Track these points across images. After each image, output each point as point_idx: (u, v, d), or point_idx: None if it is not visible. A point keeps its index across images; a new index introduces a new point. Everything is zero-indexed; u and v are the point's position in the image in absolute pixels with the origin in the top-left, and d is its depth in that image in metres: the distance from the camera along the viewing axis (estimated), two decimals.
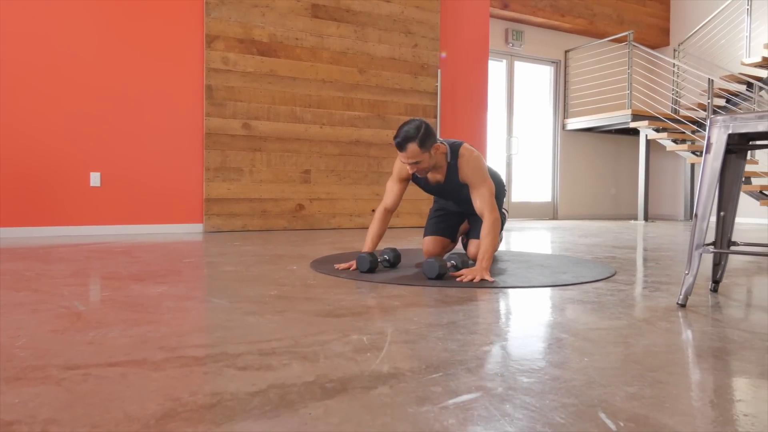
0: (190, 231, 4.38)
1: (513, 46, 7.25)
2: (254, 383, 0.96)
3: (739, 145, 1.76)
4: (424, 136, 2.15)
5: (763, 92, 6.68)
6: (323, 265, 2.45)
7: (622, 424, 0.80)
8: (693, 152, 6.56)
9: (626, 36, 7.11)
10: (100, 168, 4.07)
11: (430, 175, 2.38)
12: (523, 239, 4.01)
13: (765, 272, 2.41)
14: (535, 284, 1.98)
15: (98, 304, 1.60)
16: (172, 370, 1.02)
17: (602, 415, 0.83)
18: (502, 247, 3.41)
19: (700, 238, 1.61)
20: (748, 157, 6.69)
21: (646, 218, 7.05)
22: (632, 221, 7.18)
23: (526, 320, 1.45)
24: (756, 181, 6.57)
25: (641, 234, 4.74)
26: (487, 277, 2.03)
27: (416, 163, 2.18)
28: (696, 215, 1.63)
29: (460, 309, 1.58)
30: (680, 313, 1.55)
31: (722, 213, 1.83)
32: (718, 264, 1.88)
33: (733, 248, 1.73)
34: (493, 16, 6.83)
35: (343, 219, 4.95)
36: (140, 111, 4.19)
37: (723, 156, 1.58)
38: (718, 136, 1.59)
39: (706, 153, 1.62)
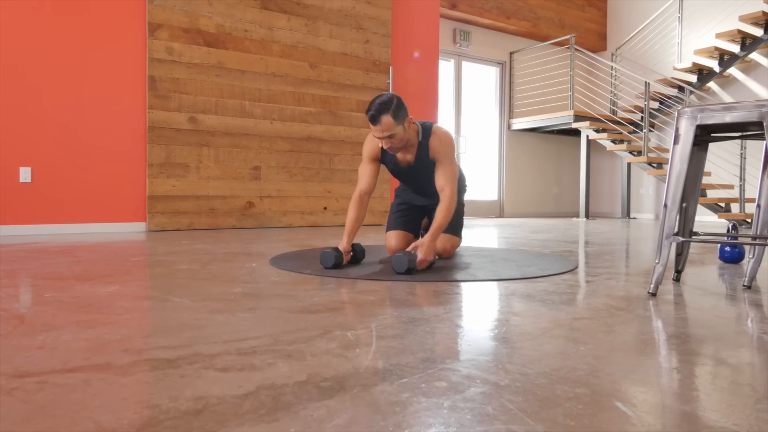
0: (131, 230, 4.12)
1: (461, 46, 7.33)
2: (240, 385, 0.86)
3: (701, 137, 1.81)
4: (398, 107, 2.12)
5: (693, 96, 7.06)
6: (284, 261, 2.34)
7: (642, 413, 0.76)
8: (630, 152, 6.84)
9: (568, 39, 7.34)
10: (30, 162, 3.76)
11: (400, 155, 2.34)
12: (478, 235, 4.03)
13: (715, 261, 2.51)
14: (506, 277, 1.96)
15: (42, 306, 1.44)
16: (143, 374, 0.91)
17: (618, 404, 0.80)
18: (462, 243, 3.41)
19: (670, 228, 1.63)
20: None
21: (587, 215, 7.30)
22: (574, 218, 7.43)
23: (508, 312, 1.42)
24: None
25: (587, 230, 4.89)
26: (429, 253, 2.08)
27: (390, 136, 2.14)
28: (665, 205, 1.65)
29: (439, 302, 1.53)
30: (653, 302, 1.57)
31: (684, 204, 1.88)
32: (680, 254, 1.93)
33: (695, 237, 1.77)
34: (441, 15, 6.87)
35: (295, 217, 4.82)
36: (76, 102, 3.91)
37: (691, 147, 1.61)
38: (686, 128, 1.62)
39: (674, 144, 1.64)
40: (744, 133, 1.72)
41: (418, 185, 2.52)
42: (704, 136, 1.80)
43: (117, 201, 4.08)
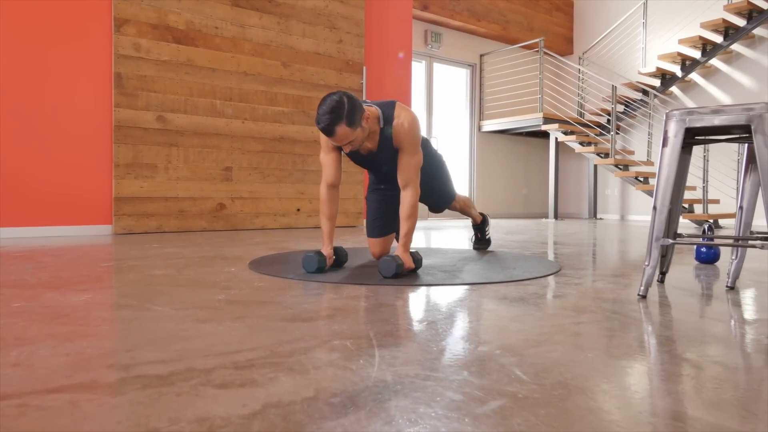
0: (96, 233, 3.96)
1: (432, 47, 7.34)
2: (245, 403, 0.80)
3: (685, 140, 1.83)
4: (351, 111, 1.90)
5: (656, 99, 7.25)
6: (264, 266, 2.27)
7: (671, 421, 0.74)
8: (598, 154, 6.98)
9: (537, 43, 7.44)
10: None
11: None
12: (453, 236, 4.03)
13: (691, 262, 2.56)
14: (495, 280, 1.94)
15: (11, 317, 1.34)
16: (135, 394, 0.84)
17: (644, 417, 0.77)
18: (439, 244, 3.39)
19: (659, 230, 1.64)
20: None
21: (556, 216, 7.41)
22: (544, 219, 7.53)
23: (506, 317, 1.39)
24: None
25: (559, 231, 4.95)
26: (409, 263, 2.00)
27: (349, 143, 1.97)
28: (654, 208, 1.66)
29: (434, 308, 1.49)
30: (644, 305, 1.57)
31: (669, 207, 1.89)
32: (665, 256, 1.94)
33: (680, 239, 1.78)
34: (413, 17, 6.86)
35: (267, 219, 4.72)
36: (38, 100, 3.72)
37: (680, 150, 1.62)
38: (675, 130, 1.62)
39: (663, 146, 1.65)
40: (729, 136, 1.75)
41: (384, 174, 2.34)
42: (689, 138, 1.82)
43: (81, 203, 3.91)
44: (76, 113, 3.87)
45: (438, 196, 2.58)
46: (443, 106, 7.69)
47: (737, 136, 1.74)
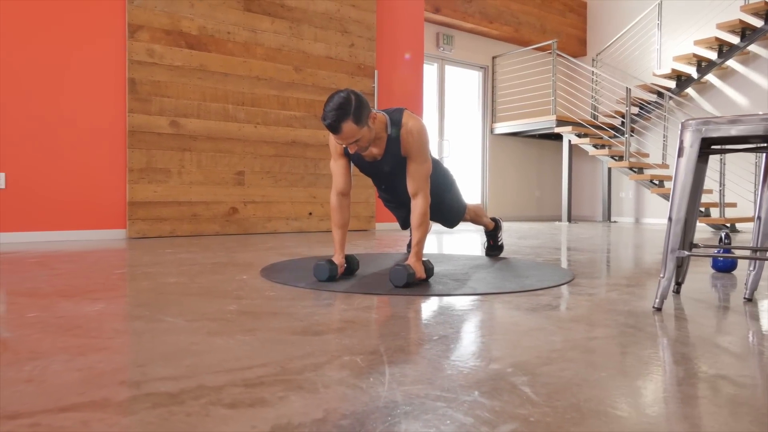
0: (111, 237, 4.00)
1: (443, 50, 7.32)
2: (254, 425, 0.80)
3: (701, 150, 1.80)
4: (358, 109, 1.87)
5: (672, 101, 7.17)
6: (275, 273, 2.27)
7: None
8: (612, 157, 6.91)
9: (550, 45, 7.39)
10: (4, 168, 3.61)
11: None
12: (465, 241, 4.01)
13: (707, 270, 2.52)
14: (507, 290, 1.92)
15: (25, 329, 1.35)
16: (146, 413, 0.84)
17: None
18: (452, 250, 3.37)
19: (675, 241, 1.62)
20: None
21: (569, 219, 7.35)
22: (557, 222, 7.47)
23: (517, 331, 1.38)
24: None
25: (572, 235, 4.90)
26: (420, 273, 1.99)
27: (356, 141, 1.92)
28: (670, 218, 1.63)
29: (444, 320, 1.48)
30: (659, 317, 1.54)
31: (685, 217, 1.86)
32: (681, 266, 1.91)
33: (696, 251, 1.76)
34: (425, 20, 6.85)
35: (279, 223, 4.73)
36: (53, 105, 3.77)
37: (696, 160, 1.60)
38: (691, 140, 1.60)
39: (679, 156, 1.63)
40: (747, 146, 1.72)
41: (389, 184, 2.28)
42: (705, 148, 1.79)
43: (96, 207, 3.95)
44: (90, 119, 3.91)
45: (449, 212, 2.56)
46: (455, 108, 7.66)
47: (755, 146, 1.70)
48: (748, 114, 1.53)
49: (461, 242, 3.99)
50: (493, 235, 2.95)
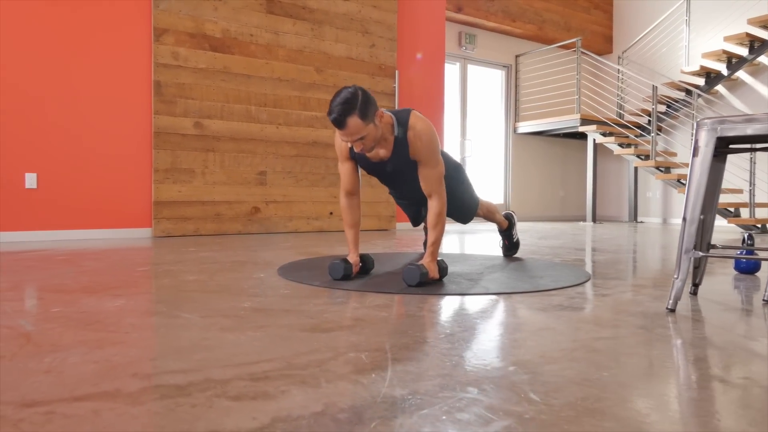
0: (137, 236, 4.10)
1: (466, 49, 7.29)
2: (255, 416, 0.83)
3: (718, 149, 1.77)
4: (364, 104, 1.84)
5: (700, 99, 7.01)
6: (292, 272, 2.31)
7: None
8: (638, 156, 6.79)
9: (574, 42, 7.30)
10: (36, 168, 3.75)
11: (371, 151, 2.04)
12: (484, 241, 4.00)
13: (729, 271, 2.47)
14: (519, 290, 1.92)
15: (49, 323, 1.41)
16: (153, 404, 0.88)
17: None
18: (470, 249, 3.37)
19: (689, 242, 1.60)
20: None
21: (594, 219, 7.25)
22: (581, 222, 7.37)
23: (525, 330, 1.38)
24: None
25: (595, 235, 4.84)
26: (434, 273, 2.00)
27: (361, 138, 1.89)
28: (684, 219, 1.61)
29: (453, 320, 1.50)
30: (672, 318, 1.53)
31: (702, 216, 1.84)
32: (698, 267, 1.89)
33: (713, 251, 1.73)
34: (447, 19, 6.84)
35: (301, 222, 4.79)
36: (82, 107, 3.89)
37: (711, 159, 1.58)
38: (706, 140, 1.58)
39: (693, 156, 1.61)
40: (765, 145, 1.68)
41: (397, 184, 2.27)
42: (723, 147, 1.76)
43: (122, 207, 4.06)
44: (117, 121, 4.02)
45: (461, 206, 2.56)
46: (478, 107, 7.63)
47: None
48: (765, 112, 1.51)
49: (480, 241, 3.98)
50: (507, 234, 2.94)
